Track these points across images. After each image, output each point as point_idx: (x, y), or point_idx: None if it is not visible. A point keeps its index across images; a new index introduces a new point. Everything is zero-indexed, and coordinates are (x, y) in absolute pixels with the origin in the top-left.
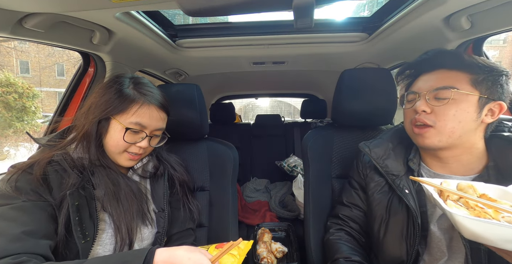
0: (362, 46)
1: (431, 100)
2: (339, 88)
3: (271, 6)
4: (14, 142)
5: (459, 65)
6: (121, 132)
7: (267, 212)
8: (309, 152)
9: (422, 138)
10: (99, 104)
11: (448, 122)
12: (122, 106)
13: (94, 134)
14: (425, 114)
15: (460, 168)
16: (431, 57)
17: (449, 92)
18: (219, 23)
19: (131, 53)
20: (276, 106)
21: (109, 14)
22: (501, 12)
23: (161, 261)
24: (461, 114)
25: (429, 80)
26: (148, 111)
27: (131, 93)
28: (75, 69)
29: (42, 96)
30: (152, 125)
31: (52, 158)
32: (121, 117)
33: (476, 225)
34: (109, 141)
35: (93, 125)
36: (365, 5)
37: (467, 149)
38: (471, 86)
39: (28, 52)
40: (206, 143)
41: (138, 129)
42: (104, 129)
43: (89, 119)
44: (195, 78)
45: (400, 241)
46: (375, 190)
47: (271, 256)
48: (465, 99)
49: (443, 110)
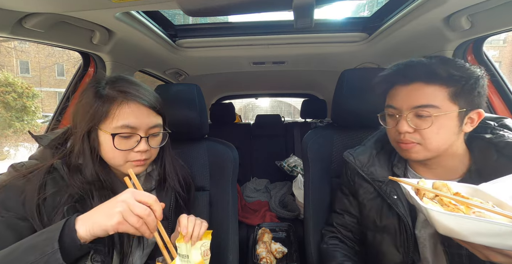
0: (362, 46)
1: (411, 119)
2: (339, 88)
3: (271, 6)
4: (14, 142)
5: (434, 79)
6: (111, 140)
7: (267, 212)
8: (309, 152)
9: (408, 153)
10: (80, 115)
11: (433, 140)
12: (101, 111)
13: (88, 150)
14: (409, 134)
15: (444, 172)
16: (404, 69)
17: (430, 111)
18: (219, 23)
19: (131, 53)
20: (276, 106)
21: (109, 14)
22: (501, 12)
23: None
24: (444, 132)
25: (406, 95)
26: (131, 110)
27: (106, 93)
28: (75, 69)
29: (42, 96)
30: (144, 124)
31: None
32: (105, 124)
33: (450, 219)
34: (105, 154)
35: (84, 141)
36: (365, 5)
37: (450, 155)
38: (449, 102)
39: (28, 52)
40: (206, 143)
41: (128, 133)
42: (95, 142)
43: (77, 135)
44: (195, 78)
45: (395, 248)
46: (365, 197)
47: (270, 256)
48: (446, 116)
49: (426, 130)
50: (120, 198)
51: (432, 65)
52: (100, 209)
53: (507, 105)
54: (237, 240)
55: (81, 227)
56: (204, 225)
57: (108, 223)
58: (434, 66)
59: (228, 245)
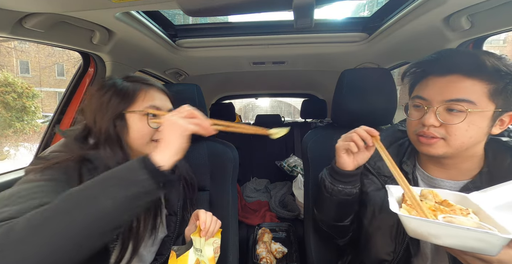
0: (362, 46)
1: (441, 113)
2: (339, 88)
3: (271, 6)
4: (14, 142)
5: (478, 72)
6: (142, 120)
7: (267, 212)
8: (309, 152)
9: (427, 148)
10: (103, 106)
11: (459, 137)
12: (129, 98)
13: (115, 138)
14: (433, 128)
15: (457, 174)
16: (444, 57)
17: (463, 106)
18: (219, 23)
19: (131, 53)
20: (276, 106)
21: (109, 14)
22: (501, 12)
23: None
24: (473, 129)
25: (440, 86)
26: (155, 93)
27: (129, 84)
28: (75, 69)
29: (42, 96)
30: (165, 106)
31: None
32: (133, 107)
33: (413, 222)
34: (133, 136)
35: (110, 128)
36: (365, 5)
37: (468, 157)
38: (488, 99)
39: (28, 52)
40: (206, 143)
41: (156, 112)
42: (122, 128)
43: (103, 125)
44: (195, 78)
45: (389, 240)
46: (368, 186)
47: (270, 256)
48: (480, 114)
49: (455, 125)
50: (170, 122)
51: (480, 56)
52: (167, 139)
53: None
54: (237, 240)
55: (157, 157)
56: (218, 222)
57: (183, 141)
58: (482, 57)
59: (228, 245)
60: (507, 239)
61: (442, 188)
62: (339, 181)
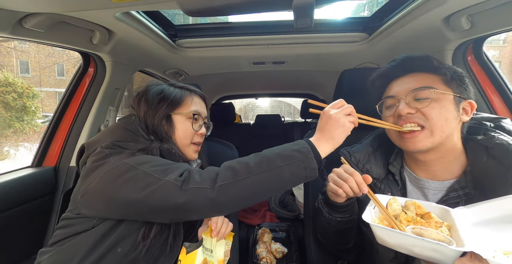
0: (362, 46)
1: (411, 102)
2: (339, 88)
3: (271, 6)
4: (14, 142)
5: (429, 68)
6: (187, 122)
7: (267, 212)
8: None
9: (413, 143)
10: (154, 107)
11: (437, 120)
12: (177, 102)
13: (165, 134)
14: (411, 115)
15: (441, 172)
16: (402, 62)
17: (428, 92)
18: (219, 23)
19: (131, 53)
20: (276, 106)
21: (109, 14)
22: (501, 12)
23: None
24: (445, 111)
25: (404, 83)
26: (198, 100)
27: (176, 90)
28: (75, 69)
29: (42, 96)
30: (204, 113)
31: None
32: (180, 109)
33: (382, 232)
34: (178, 135)
35: (160, 125)
36: (365, 5)
37: (449, 150)
38: (445, 86)
39: (28, 52)
40: (206, 143)
41: (198, 117)
42: (169, 127)
43: (155, 122)
44: (195, 78)
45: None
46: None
47: (270, 256)
48: (444, 97)
49: (429, 109)
50: (331, 117)
51: (427, 57)
52: (331, 134)
53: (507, 105)
54: (237, 240)
55: (320, 147)
56: (230, 225)
57: (344, 138)
58: (429, 58)
59: None
60: (457, 251)
61: (427, 188)
62: (336, 211)
